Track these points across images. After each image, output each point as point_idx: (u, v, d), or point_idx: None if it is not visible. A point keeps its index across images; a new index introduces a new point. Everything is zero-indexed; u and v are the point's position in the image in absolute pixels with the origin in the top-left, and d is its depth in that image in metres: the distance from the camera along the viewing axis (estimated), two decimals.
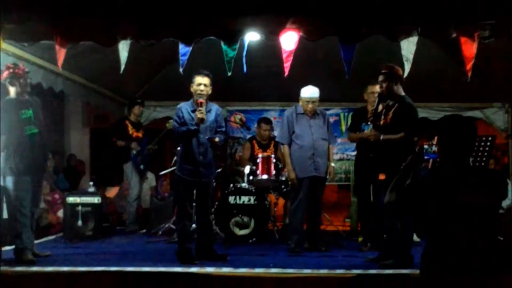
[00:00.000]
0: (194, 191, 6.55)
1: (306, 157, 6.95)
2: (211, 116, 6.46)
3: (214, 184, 7.91)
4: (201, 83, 6.34)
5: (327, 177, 7.28)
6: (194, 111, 6.35)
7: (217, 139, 6.40)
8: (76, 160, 11.57)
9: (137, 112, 9.35)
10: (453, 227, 3.23)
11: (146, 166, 9.28)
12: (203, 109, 6.25)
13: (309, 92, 6.97)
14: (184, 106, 6.43)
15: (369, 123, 6.46)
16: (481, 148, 6.23)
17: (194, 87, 6.37)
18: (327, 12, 5.43)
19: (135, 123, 9.32)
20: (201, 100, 6.29)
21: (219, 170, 8.24)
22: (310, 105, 6.96)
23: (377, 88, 6.90)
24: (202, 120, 6.24)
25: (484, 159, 6.28)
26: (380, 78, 6.09)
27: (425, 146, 3.70)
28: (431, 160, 6.40)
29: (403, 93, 6.11)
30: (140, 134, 9.27)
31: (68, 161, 11.47)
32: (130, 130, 9.18)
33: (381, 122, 6.16)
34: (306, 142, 6.97)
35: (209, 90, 6.39)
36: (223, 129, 6.71)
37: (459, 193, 3.23)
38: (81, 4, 5.48)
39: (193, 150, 6.36)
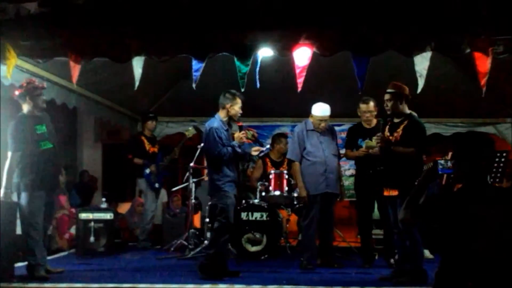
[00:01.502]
0: None
1: (319, 173, 6.91)
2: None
3: None
4: (241, 106, 6.47)
5: (338, 199, 7.30)
6: (226, 130, 6.45)
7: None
8: (88, 176, 11.56)
9: (150, 126, 9.36)
10: (469, 245, 3.18)
11: (161, 184, 9.25)
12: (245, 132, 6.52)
13: (322, 110, 6.93)
14: (219, 125, 6.40)
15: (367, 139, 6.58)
16: (495, 164, 6.17)
17: (235, 109, 6.43)
18: (340, 27, 5.44)
19: (150, 138, 9.34)
20: (241, 123, 6.50)
21: None
22: (323, 124, 6.95)
23: (370, 106, 6.96)
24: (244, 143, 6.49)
25: (498, 175, 6.22)
26: (386, 96, 6.09)
27: (441, 162, 3.65)
28: (445, 175, 6.39)
29: (408, 111, 6.10)
30: (155, 149, 9.28)
31: (81, 177, 11.46)
32: (147, 145, 9.18)
33: (391, 139, 6.14)
34: (318, 159, 6.93)
35: None
36: None
37: (476, 211, 3.19)
38: (95, 20, 5.52)
39: (233, 168, 6.45)
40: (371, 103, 7.05)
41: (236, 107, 6.42)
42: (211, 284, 5.87)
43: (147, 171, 9.01)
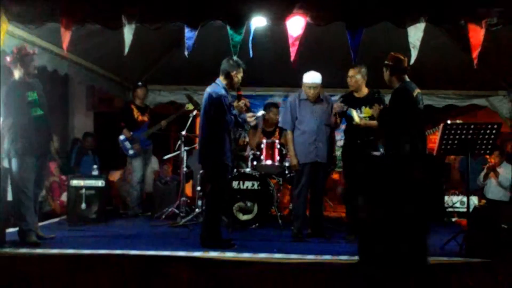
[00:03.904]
0: None
1: (308, 142, 6.91)
2: None
3: None
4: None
5: (329, 168, 7.33)
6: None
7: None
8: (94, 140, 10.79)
9: (140, 95, 9.24)
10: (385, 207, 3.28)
11: (136, 152, 9.06)
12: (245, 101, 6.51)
13: (310, 78, 6.88)
14: (225, 93, 6.32)
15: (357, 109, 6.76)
16: (486, 136, 6.18)
17: (239, 77, 6.41)
18: None
19: (140, 107, 9.24)
20: (241, 91, 6.50)
21: None
22: (312, 91, 6.89)
23: (350, 71, 6.87)
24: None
25: (489, 146, 6.24)
26: (384, 69, 6.12)
27: None
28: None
29: (406, 80, 6.09)
30: (145, 118, 9.19)
31: (84, 141, 10.73)
32: (136, 114, 9.10)
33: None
34: (309, 128, 6.93)
35: None
36: None
37: (397, 175, 3.28)
38: None
39: (230, 138, 6.45)
40: (354, 69, 6.84)
41: (239, 76, 6.41)
42: (202, 251, 5.92)
43: (122, 137, 8.97)
